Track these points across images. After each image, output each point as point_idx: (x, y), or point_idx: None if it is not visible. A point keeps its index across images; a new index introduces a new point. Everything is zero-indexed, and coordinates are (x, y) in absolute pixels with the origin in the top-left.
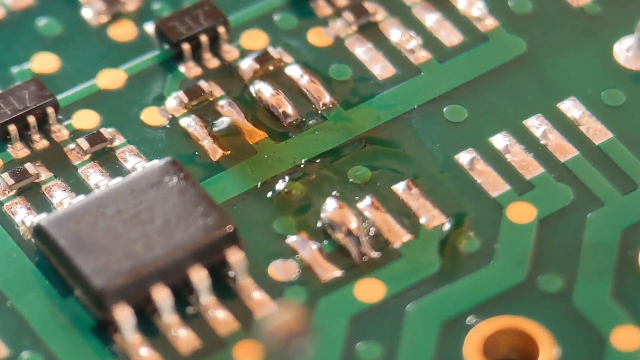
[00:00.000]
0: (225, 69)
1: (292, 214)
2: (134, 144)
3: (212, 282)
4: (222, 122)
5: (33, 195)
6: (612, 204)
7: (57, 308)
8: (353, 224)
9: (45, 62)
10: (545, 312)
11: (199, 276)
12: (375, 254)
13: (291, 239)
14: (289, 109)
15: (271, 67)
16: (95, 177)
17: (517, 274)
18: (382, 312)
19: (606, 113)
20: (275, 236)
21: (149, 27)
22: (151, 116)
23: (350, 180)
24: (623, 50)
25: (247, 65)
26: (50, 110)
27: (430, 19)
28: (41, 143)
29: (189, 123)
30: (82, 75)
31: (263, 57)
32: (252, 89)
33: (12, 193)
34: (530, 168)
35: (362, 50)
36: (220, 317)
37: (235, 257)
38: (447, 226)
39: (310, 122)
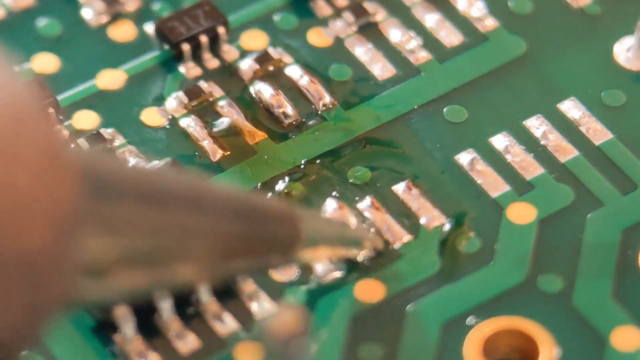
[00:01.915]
0: (225, 70)
1: None
2: (134, 145)
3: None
4: (222, 123)
5: None
6: (612, 205)
7: None
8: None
9: (45, 63)
10: (545, 312)
11: None
12: (375, 254)
13: None
14: (288, 109)
15: (271, 68)
16: None
17: (517, 274)
18: (382, 312)
19: (606, 113)
20: None
21: (149, 28)
22: (151, 117)
23: (350, 180)
24: (623, 51)
25: (247, 65)
26: (50, 110)
27: (430, 19)
28: None
29: (189, 124)
30: (82, 75)
31: (263, 58)
32: (252, 90)
33: None
34: (531, 168)
35: (362, 51)
36: (221, 317)
37: None
38: (447, 226)
39: (310, 122)
